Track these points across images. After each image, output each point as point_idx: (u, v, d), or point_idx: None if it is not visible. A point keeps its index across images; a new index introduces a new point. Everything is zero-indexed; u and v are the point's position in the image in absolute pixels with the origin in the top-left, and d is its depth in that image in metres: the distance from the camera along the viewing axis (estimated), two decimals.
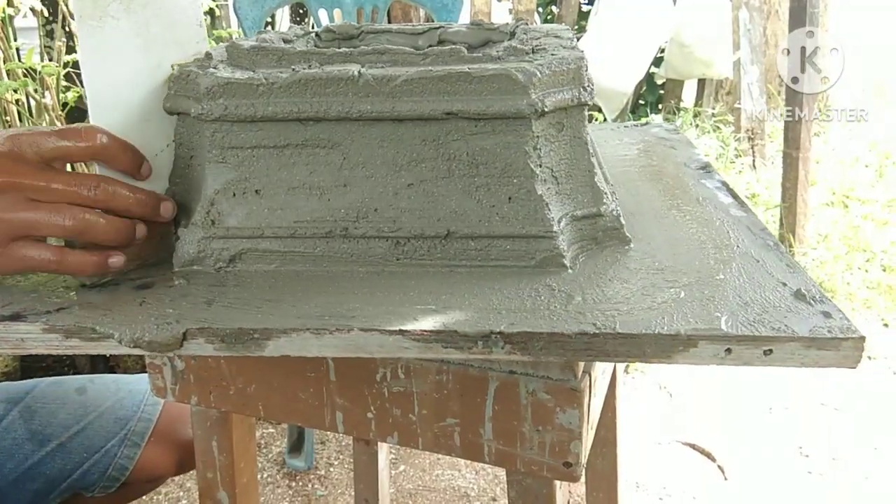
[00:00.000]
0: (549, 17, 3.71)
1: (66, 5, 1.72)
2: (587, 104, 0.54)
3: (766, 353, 0.43)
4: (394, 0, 1.51)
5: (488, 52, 0.55)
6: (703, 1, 2.97)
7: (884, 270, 2.25)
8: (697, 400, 1.73)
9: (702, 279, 0.50)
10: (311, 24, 1.58)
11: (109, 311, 0.48)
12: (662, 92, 3.52)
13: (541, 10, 3.69)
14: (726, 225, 0.59)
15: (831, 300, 0.47)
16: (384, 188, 0.53)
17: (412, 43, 0.70)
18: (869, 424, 1.62)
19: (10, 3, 1.61)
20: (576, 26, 3.34)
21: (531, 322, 0.45)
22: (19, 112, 1.66)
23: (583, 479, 0.86)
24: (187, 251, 0.54)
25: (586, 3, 3.57)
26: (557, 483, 0.56)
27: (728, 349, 0.43)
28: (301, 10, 2.89)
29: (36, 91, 1.64)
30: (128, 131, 0.54)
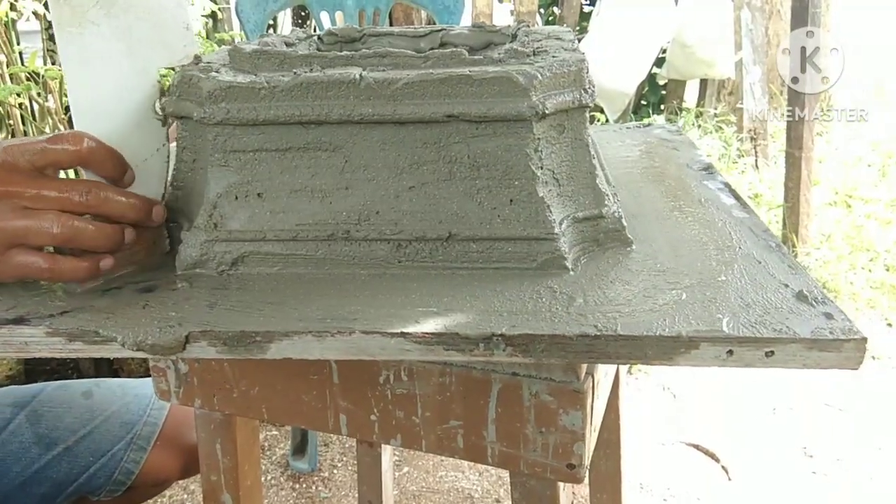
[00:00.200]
0: (550, 17, 3.71)
1: None
2: (588, 106, 0.54)
3: (768, 354, 0.43)
4: (396, 2, 1.51)
5: (489, 54, 0.55)
6: (705, 1, 2.97)
7: (887, 270, 2.24)
8: (701, 400, 1.73)
9: (703, 281, 0.50)
10: (312, 26, 1.59)
11: (112, 314, 0.48)
12: (664, 92, 3.52)
13: (542, 10, 3.69)
14: (728, 226, 0.59)
15: (833, 301, 0.46)
16: (386, 191, 0.53)
17: (414, 45, 0.71)
18: (873, 424, 1.62)
19: (12, 7, 1.62)
20: (577, 27, 3.34)
21: (533, 324, 0.45)
22: (22, 116, 1.67)
23: (586, 480, 0.86)
24: (190, 254, 0.54)
25: (588, 4, 3.57)
26: (561, 484, 0.56)
27: (730, 351, 0.43)
28: (303, 13, 2.90)
29: (39, 95, 1.65)
30: (114, 137, 0.54)
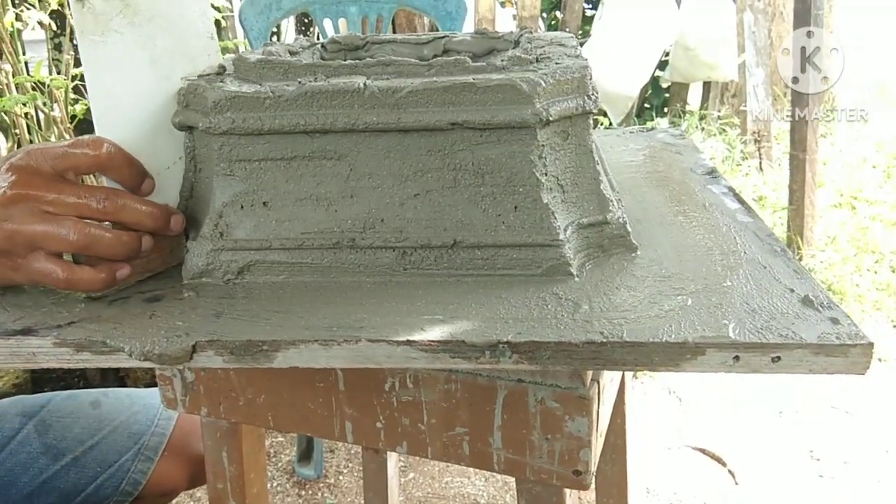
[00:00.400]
0: (553, 22, 3.72)
1: None
2: (592, 112, 0.54)
3: (775, 360, 0.43)
4: (398, 9, 1.52)
5: (493, 61, 0.55)
6: (708, 4, 2.97)
7: (893, 272, 2.24)
8: (707, 405, 1.72)
9: (709, 286, 0.50)
10: (316, 33, 1.59)
11: (119, 324, 0.48)
12: (668, 95, 3.52)
13: (545, 15, 3.70)
14: (733, 231, 0.59)
15: (839, 306, 0.46)
16: (390, 199, 0.53)
17: (417, 53, 0.71)
18: (880, 427, 1.61)
19: (18, 18, 1.63)
20: (580, 31, 3.34)
21: (538, 331, 0.45)
22: (28, 125, 1.68)
23: (593, 485, 0.86)
24: (196, 264, 0.54)
25: (590, 8, 3.58)
26: (567, 491, 0.56)
27: (736, 357, 0.43)
28: (306, 20, 2.91)
29: (45, 104, 1.66)
30: (135, 146, 0.54)
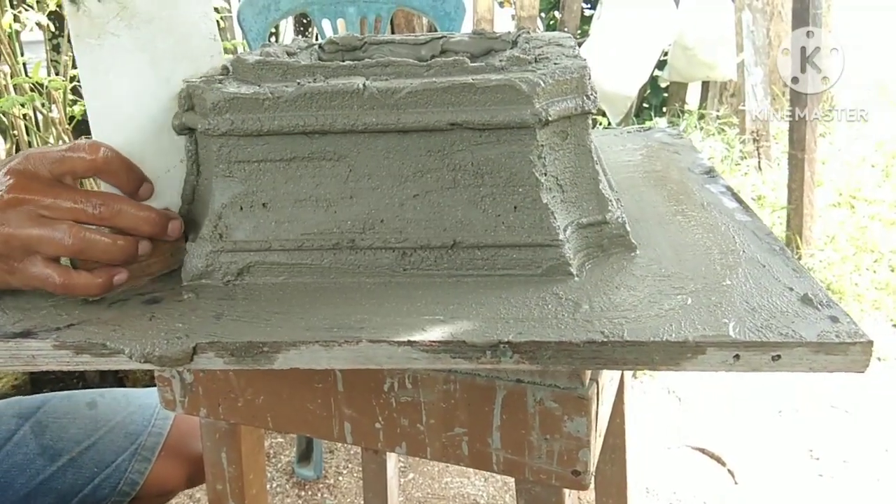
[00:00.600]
0: (551, 22, 3.72)
1: None
2: (591, 112, 0.54)
3: (775, 358, 0.43)
4: (397, 9, 1.52)
5: (491, 61, 0.55)
6: (706, 3, 2.97)
7: (892, 271, 2.24)
8: (706, 404, 1.72)
9: (708, 285, 0.50)
10: (314, 34, 1.59)
11: (119, 326, 0.48)
12: (666, 95, 3.52)
13: (543, 15, 3.70)
14: (732, 230, 0.59)
15: (838, 304, 0.46)
16: (390, 199, 0.53)
17: (415, 53, 0.71)
18: (879, 426, 1.61)
19: (16, 19, 1.62)
20: (578, 31, 3.34)
21: (539, 331, 0.45)
22: (27, 126, 1.68)
23: (592, 485, 0.86)
24: (196, 265, 0.54)
25: (589, 8, 3.58)
26: (566, 491, 0.56)
27: (736, 355, 0.43)
28: (305, 21, 2.91)
29: (43, 105, 1.65)
30: (134, 149, 0.54)
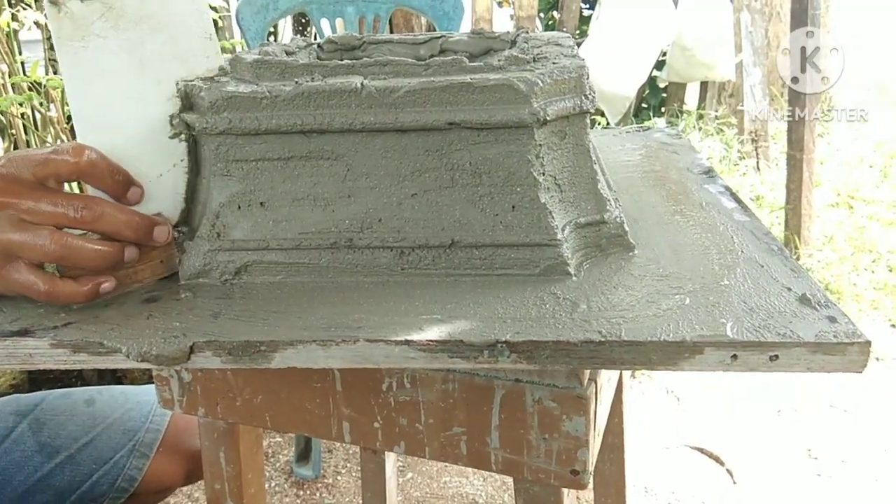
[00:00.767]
0: (550, 22, 3.72)
1: None
2: (589, 112, 0.54)
3: (772, 358, 0.43)
4: (395, 9, 1.52)
5: (489, 61, 0.55)
6: (705, 3, 2.97)
7: (890, 271, 2.24)
8: (705, 404, 1.73)
9: (706, 285, 0.50)
10: (313, 33, 1.59)
11: (117, 325, 0.48)
12: (665, 95, 3.52)
13: (542, 15, 3.70)
14: (730, 230, 0.59)
15: (836, 304, 0.46)
16: (388, 199, 0.53)
17: (414, 53, 0.71)
18: (877, 426, 1.61)
19: (14, 18, 1.62)
20: (577, 31, 3.34)
21: (537, 331, 0.45)
22: (25, 125, 1.68)
23: (591, 484, 0.86)
24: (193, 264, 0.54)
25: (587, 8, 3.58)
26: (565, 490, 0.56)
27: (734, 355, 0.43)
28: (303, 20, 2.91)
29: (41, 104, 1.65)
30: (122, 153, 0.52)
